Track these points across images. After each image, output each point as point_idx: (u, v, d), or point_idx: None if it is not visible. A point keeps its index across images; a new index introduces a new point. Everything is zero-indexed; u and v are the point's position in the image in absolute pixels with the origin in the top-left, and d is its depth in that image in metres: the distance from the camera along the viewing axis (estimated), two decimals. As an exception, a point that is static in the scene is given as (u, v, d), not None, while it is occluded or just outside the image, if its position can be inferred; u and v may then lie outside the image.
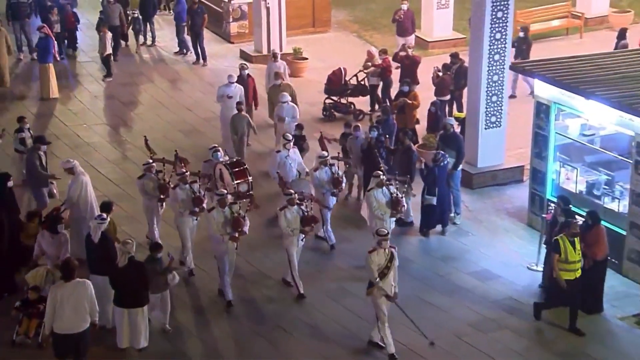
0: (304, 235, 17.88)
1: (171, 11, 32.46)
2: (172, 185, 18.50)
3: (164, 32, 31.13)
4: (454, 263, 19.60)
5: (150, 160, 19.13)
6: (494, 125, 22.40)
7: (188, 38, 30.55)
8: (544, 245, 18.63)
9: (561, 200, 18.66)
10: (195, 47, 29.92)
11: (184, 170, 18.52)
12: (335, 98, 26.25)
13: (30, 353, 16.12)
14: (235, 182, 19.20)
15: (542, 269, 18.92)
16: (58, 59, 28.44)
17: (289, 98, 23.23)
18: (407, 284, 18.26)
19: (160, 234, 19.28)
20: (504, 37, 21.94)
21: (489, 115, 22.34)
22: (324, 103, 26.41)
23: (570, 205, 18.51)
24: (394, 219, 19.02)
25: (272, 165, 20.64)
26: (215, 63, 30.00)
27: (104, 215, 17.66)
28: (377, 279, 15.52)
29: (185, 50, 30.88)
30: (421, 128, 24.21)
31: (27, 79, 28.65)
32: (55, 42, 28.40)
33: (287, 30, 29.73)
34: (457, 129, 22.68)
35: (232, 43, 31.24)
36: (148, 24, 30.98)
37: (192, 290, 18.35)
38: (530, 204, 20.96)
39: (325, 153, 20.00)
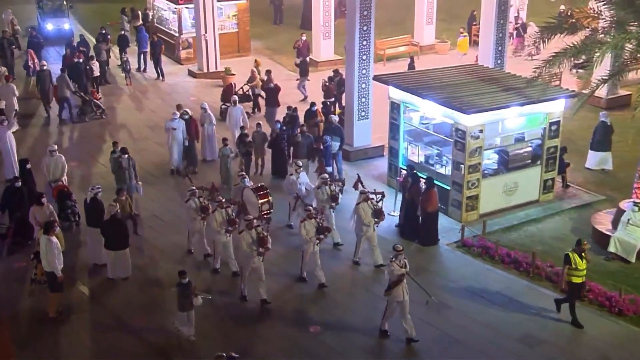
0: (319, 241, 16.42)
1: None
2: (211, 210, 16.85)
3: (134, 59, 30.63)
4: (339, 212, 19.00)
5: (194, 188, 17.40)
6: (363, 117, 22.57)
7: (150, 62, 30.02)
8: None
9: (409, 167, 19.24)
10: (156, 68, 29.42)
11: (221, 199, 16.95)
12: (228, 104, 25.20)
13: (41, 287, 15.94)
14: (260, 201, 17.79)
15: (397, 215, 19.22)
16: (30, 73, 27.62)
17: (207, 106, 22.80)
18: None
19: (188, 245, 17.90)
20: (368, 58, 22.09)
21: (360, 111, 22.46)
22: (220, 108, 25.51)
23: (415, 170, 18.88)
24: (377, 226, 17.30)
25: (286, 185, 19.06)
26: (171, 79, 29.61)
27: (96, 185, 17.81)
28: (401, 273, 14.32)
29: (143, 68, 30.20)
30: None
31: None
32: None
33: (220, 55, 29.49)
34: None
35: (182, 64, 30.81)
36: (123, 52, 30.28)
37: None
38: (388, 171, 21.18)
39: (326, 175, 18.47)
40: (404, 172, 19.68)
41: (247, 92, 26.19)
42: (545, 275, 16.84)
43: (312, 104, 23.33)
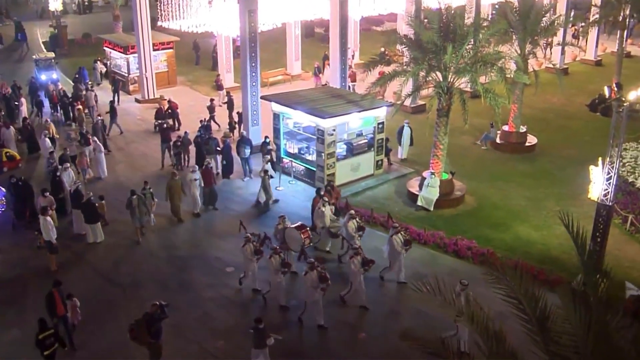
0: (364, 272, 13.98)
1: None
2: (268, 256, 14.11)
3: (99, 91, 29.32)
4: (243, 190, 19.54)
5: (249, 235, 14.77)
6: (255, 124, 22.29)
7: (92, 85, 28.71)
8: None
9: (288, 156, 19.70)
10: (116, 96, 28.20)
11: (275, 247, 14.39)
12: (160, 120, 24.27)
13: (44, 251, 15.76)
14: (302, 236, 15.19)
15: (282, 189, 19.34)
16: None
17: (96, 139, 21.40)
18: (221, 204, 18.33)
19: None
20: (256, 84, 21.90)
21: (253, 120, 22.18)
22: (154, 124, 24.70)
23: (290, 159, 19.43)
24: (406, 253, 14.84)
25: (315, 216, 16.40)
26: (123, 104, 28.12)
27: (79, 181, 17.71)
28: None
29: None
30: (223, 127, 24.05)
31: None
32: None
33: (156, 87, 28.76)
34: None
35: (131, 94, 29.60)
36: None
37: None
38: (276, 159, 20.68)
39: (352, 212, 16.17)
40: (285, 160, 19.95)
41: (170, 112, 25.52)
42: (379, 223, 17.23)
43: (266, 137, 21.11)
